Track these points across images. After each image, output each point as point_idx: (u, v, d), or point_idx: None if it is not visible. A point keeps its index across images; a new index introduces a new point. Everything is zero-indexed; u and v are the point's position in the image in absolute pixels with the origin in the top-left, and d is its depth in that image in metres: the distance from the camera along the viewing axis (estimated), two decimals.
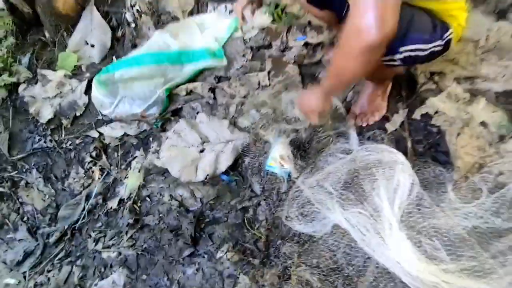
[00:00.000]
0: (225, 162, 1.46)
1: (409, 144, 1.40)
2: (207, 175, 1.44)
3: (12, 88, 1.95)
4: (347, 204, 1.20)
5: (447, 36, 1.13)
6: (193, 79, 1.79)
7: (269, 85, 1.69)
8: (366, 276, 1.15)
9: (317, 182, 1.28)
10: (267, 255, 1.22)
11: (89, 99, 1.86)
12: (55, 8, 1.92)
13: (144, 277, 1.33)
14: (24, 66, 2.01)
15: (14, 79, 1.94)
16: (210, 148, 1.52)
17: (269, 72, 1.72)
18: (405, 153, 1.27)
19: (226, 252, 1.26)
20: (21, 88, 1.93)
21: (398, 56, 1.06)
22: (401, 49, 1.05)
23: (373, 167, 1.25)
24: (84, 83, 1.90)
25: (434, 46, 1.11)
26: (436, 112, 1.46)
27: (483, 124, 1.39)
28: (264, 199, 1.35)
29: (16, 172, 1.73)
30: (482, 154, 1.28)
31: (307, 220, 1.24)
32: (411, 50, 1.07)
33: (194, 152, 1.53)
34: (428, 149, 1.35)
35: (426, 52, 1.11)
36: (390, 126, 1.46)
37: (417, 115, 1.47)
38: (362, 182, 1.25)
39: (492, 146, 1.31)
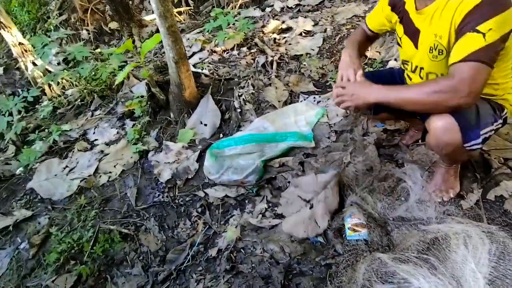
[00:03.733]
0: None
1: (485, 222, 1.52)
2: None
3: (143, 154, 2.49)
4: (429, 272, 1.32)
5: (504, 115, 1.39)
6: (285, 154, 2.15)
7: (350, 163, 1.97)
8: None
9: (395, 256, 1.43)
10: None
11: (199, 166, 2.31)
12: (183, 97, 2.52)
13: None
14: (153, 138, 2.58)
15: (145, 147, 2.50)
16: (316, 201, 1.78)
17: (351, 152, 2.01)
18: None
19: None
20: (149, 154, 2.47)
21: (479, 140, 1.30)
22: (481, 132, 1.30)
23: (454, 238, 1.40)
24: (197, 153, 2.37)
25: (497, 125, 1.37)
26: (511, 195, 1.58)
27: None
28: (346, 259, 1.54)
29: (139, 218, 2.15)
30: None
31: (385, 281, 1.38)
32: (485, 133, 1.32)
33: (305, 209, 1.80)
34: (503, 226, 1.46)
35: (493, 132, 1.36)
36: (465, 204, 1.60)
37: (491, 195, 1.61)
38: (441, 252, 1.39)
39: None
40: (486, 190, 1.63)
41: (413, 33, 1.41)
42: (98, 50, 3.90)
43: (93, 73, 3.30)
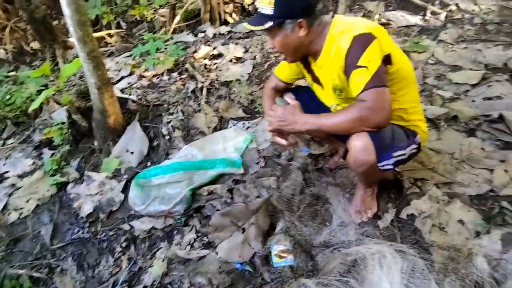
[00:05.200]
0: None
1: (398, 240, 1.62)
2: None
3: (62, 187, 2.30)
4: None
5: (418, 140, 1.53)
6: (214, 181, 2.13)
7: (278, 187, 2.00)
8: None
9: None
10: None
11: (125, 197, 2.18)
12: (107, 124, 2.39)
13: None
14: (74, 168, 2.39)
15: (64, 179, 2.31)
16: (247, 224, 1.78)
17: (278, 178, 2.05)
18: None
19: None
20: (69, 186, 2.28)
21: (391, 161, 1.42)
22: (393, 154, 1.42)
23: (370, 259, 1.46)
24: (122, 183, 2.24)
25: (411, 150, 1.50)
26: (420, 213, 1.71)
27: (461, 222, 1.63)
28: (273, 286, 1.53)
29: (54, 259, 1.95)
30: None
31: None
32: (398, 156, 1.44)
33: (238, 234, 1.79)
34: (413, 244, 1.56)
35: (406, 156, 1.48)
36: (381, 224, 1.70)
37: (403, 214, 1.72)
38: (359, 274, 1.45)
39: (468, 241, 1.53)
40: (399, 209, 1.75)
41: (317, 80, 1.60)
42: (13, 73, 3.59)
43: (7, 97, 3.02)
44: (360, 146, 1.38)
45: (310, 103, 1.66)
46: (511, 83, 2.49)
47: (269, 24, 1.37)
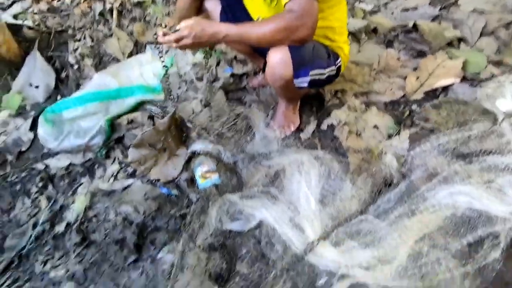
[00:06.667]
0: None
1: (319, 149, 1.68)
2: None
3: None
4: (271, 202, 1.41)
5: (338, 63, 1.51)
6: (133, 110, 1.99)
7: (201, 111, 1.93)
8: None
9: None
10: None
11: (35, 135, 1.98)
12: None
13: (92, 286, 1.43)
14: None
15: None
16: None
17: (201, 100, 1.97)
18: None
19: (166, 252, 1.41)
20: None
21: (307, 78, 1.38)
22: (310, 72, 1.38)
23: (289, 168, 1.51)
24: (29, 121, 2.02)
25: (330, 71, 1.47)
26: (339, 122, 1.77)
27: (375, 127, 1.71)
28: (200, 205, 1.54)
29: None
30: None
31: (234, 219, 1.43)
32: (315, 74, 1.40)
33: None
34: (332, 150, 1.63)
35: (324, 76, 1.46)
36: (303, 135, 1.74)
37: (324, 125, 1.77)
38: (280, 183, 1.49)
39: (381, 143, 1.63)
40: (320, 121, 1.79)
41: None
42: None
43: None
44: (278, 59, 1.33)
45: (235, 13, 1.53)
46: None
47: None
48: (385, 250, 1.23)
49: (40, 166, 1.89)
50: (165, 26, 1.40)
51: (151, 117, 1.92)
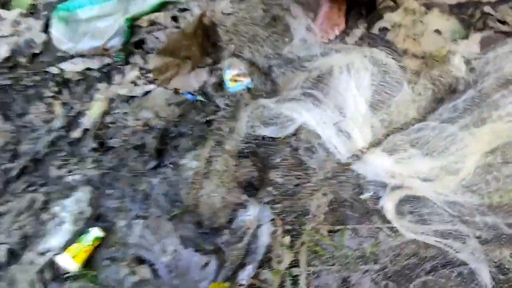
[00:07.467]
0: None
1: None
2: None
3: None
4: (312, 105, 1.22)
5: None
6: (155, 10, 1.77)
7: (231, 13, 1.69)
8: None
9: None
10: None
11: (48, 37, 1.80)
12: None
13: (109, 191, 1.32)
14: None
15: None
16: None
17: (231, 1, 1.71)
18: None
19: (191, 159, 1.26)
20: None
21: None
22: None
23: (337, 69, 1.28)
24: (42, 21, 1.83)
25: None
26: (393, 26, 1.50)
27: (437, 31, 1.44)
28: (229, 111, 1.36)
29: None
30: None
31: (269, 124, 1.25)
32: None
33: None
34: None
35: None
36: (350, 39, 1.49)
37: (375, 29, 1.51)
38: (325, 86, 1.28)
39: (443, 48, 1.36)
40: (370, 24, 1.52)
41: None
42: None
43: None
44: None
45: None
46: None
47: None
48: (448, 160, 1.03)
49: (54, 70, 1.73)
50: None
51: (174, 18, 1.70)
